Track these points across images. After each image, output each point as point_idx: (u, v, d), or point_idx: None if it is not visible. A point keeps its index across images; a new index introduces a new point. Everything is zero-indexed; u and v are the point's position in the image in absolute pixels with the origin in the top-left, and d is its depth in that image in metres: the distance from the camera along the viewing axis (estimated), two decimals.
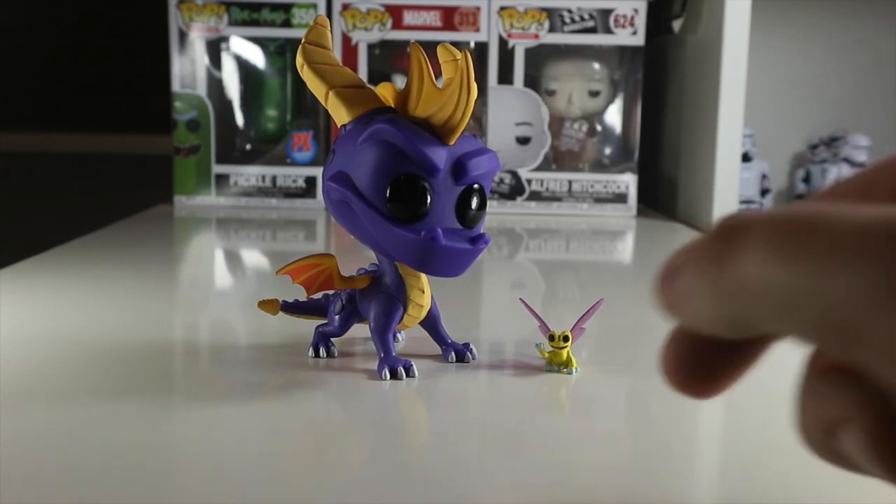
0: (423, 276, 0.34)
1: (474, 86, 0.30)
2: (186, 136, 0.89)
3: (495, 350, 0.39)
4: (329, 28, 0.33)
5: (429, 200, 0.30)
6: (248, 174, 0.89)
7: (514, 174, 0.90)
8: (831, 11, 1.06)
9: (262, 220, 0.83)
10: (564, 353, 0.34)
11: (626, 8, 0.87)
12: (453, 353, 0.35)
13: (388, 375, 0.32)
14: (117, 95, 1.25)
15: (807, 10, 1.05)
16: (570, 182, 0.90)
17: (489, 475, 0.24)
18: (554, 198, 0.90)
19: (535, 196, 0.90)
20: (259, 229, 0.79)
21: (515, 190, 0.90)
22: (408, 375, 0.33)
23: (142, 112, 1.17)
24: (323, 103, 0.32)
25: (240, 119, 0.90)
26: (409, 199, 0.30)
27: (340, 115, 0.32)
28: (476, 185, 0.31)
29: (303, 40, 0.32)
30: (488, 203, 0.33)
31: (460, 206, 0.31)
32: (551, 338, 0.34)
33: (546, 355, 0.35)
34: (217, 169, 0.89)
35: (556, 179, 0.90)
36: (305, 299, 0.36)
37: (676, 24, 0.93)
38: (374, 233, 0.31)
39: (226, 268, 0.66)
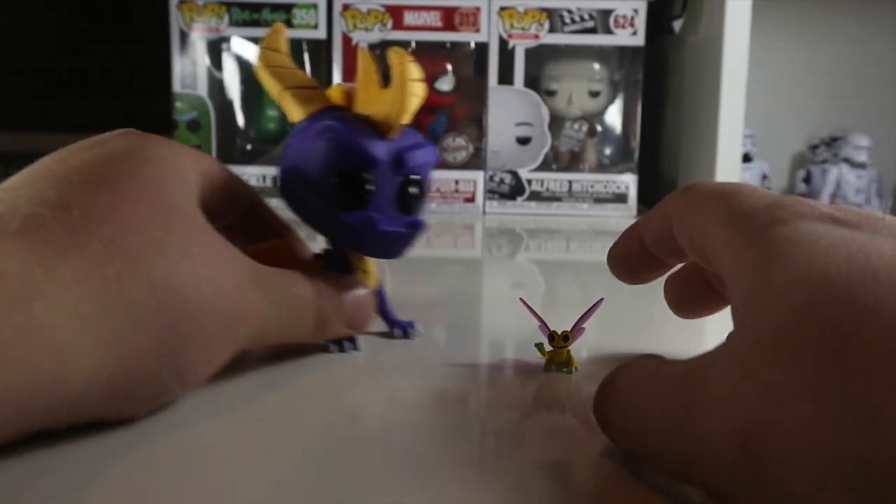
0: (369, 260, 0.37)
1: (413, 85, 0.33)
2: (187, 136, 0.89)
3: (495, 350, 0.39)
4: (286, 34, 0.36)
5: (369, 190, 0.33)
6: (249, 174, 0.89)
7: (515, 174, 0.90)
8: (831, 11, 1.06)
9: None
10: (564, 352, 0.34)
11: (626, 8, 0.88)
12: (398, 330, 0.39)
13: (335, 348, 0.36)
14: (117, 95, 1.25)
15: (807, 10, 1.05)
16: (570, 182, 0.90)
17: (488, 475, 0.24)
18: (554, 198, 0.90)
19: (535, 196, 0.90)
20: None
21: (515, 190, 0.90)
22: (353, 349, 0.36)
23: (142, 112, 1.17)
24: (278, 102, 0.35)
25: (240, 119, 0.90)
26: (352, 189, 0.33)
27: (294, 113, 0.35)
28: (415, 176, 0.34)
29: (261, 45, 0.35)
30: (426, 194, 0.36)
31: (401, 195, 0.34)
32: (551, 337, 0.34)
33: (546, 354, 0.35)
34: None
35: (556, 179, 0.90)
36: None
37: (677, 25, 0.93)
38: (321, 220, 0.34)
39: None
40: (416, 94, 0.36)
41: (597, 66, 0.90)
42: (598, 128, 0.91)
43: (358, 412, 0.30)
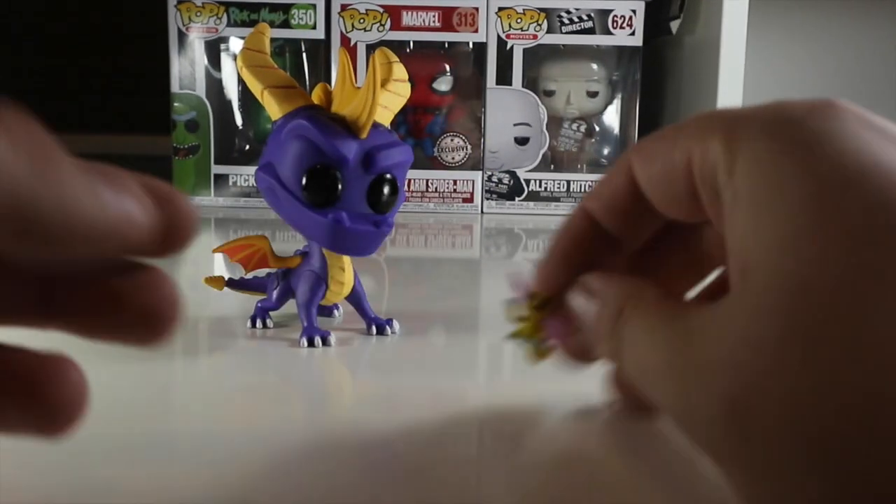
0: (345, 257, 0.37)
1: (396, 85, 0.34)
2: (185, 136, 0.89)
3: (493, 349, 0.39)
4: (268, 35, 0.37)
5: (339, 188, 0.34)
6: (247, 174, 0.89)
7: (513, 174, 0.90)
8: (830, 11, 1.06)
9: (261, 220, 0.83)
10: (534, 320, 0.27)
11: (624, 9, 0.88)
12: (374, 327, 0.39)
13: (307, 343, 0.36)
14: (117, 96, 1.25)
15: (805, 10, 1.06)
16: (568, 182, 0.90)
17: (486, 475, 0.24)
18: (552, 198, 0.90)
19: (534, 196, 0.90)
20: (258, 229, 0.79)
21: (514, 190, 0.90)
22: (324, 344, 0.37)
23: (142, 112, 1.17)
24: (260, 100, 0.36)
25: (239, 119, 0.90)
26: (321, 186, 0.34)
27: (273, 111, 0.35)
28: (388, 175, 0.35)
29: (243, 45, 0.36)
30: (398, 193, 0.36)
31: (372, 193, 0.35)
32: (530, 297, 0.28)
33: (514, 318, 0.28)
34: (216, 169, 0.90)
35: (554, 180, 0.90)
36: (249, 277, 0.41)
37: (674, 25, 0.93)
38: (294, 217, 0.35)
39: (225, 268, 0.66)
40: (400, 94, 0.37)
41: (595, 66, 0.90)
42: (597, 128, 0.91)
43: (356, 412, 0.31)
